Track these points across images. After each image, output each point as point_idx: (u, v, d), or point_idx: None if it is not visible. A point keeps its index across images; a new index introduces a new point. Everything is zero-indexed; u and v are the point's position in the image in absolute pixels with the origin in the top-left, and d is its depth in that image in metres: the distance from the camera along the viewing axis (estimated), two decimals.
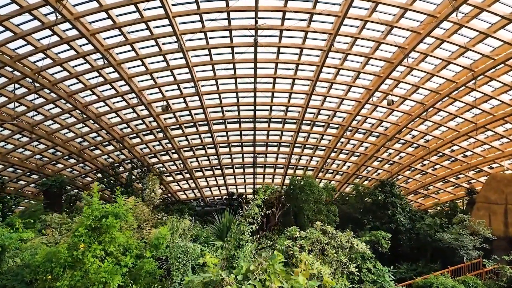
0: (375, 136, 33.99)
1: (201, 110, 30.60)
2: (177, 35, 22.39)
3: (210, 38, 23.86)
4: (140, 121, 31.51)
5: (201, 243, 18.06)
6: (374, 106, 29.74)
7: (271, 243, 14.10)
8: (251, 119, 32.12)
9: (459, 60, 23.50)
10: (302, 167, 40.04)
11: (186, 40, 23.77)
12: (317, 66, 26.12)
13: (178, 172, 39.23)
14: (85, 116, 28.08)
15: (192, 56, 25.39)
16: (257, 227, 12.76)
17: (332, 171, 39.98)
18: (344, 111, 30.92)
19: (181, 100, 29.66)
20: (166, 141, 33.94)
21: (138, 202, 18.99)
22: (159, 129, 32.11)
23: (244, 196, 42.30)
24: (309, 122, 32.91)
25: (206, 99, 29.91)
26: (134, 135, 32.94)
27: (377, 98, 28.87)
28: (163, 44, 23.94)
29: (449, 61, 23.54)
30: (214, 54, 25.50)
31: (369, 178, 40.11)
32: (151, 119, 31.03)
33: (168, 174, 39.54)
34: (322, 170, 38.73)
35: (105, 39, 22.69)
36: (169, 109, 29.04)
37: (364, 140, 34.14)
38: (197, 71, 27.04)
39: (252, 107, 30.68)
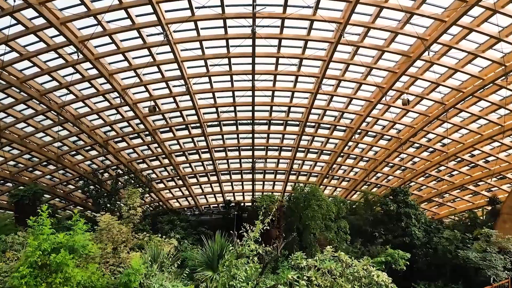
0: (386, 139, 31.27)
1: (193, 111, 27.87)
2: (163, 25, 19.70)
3: (201, 28, 21.17)
4: (125, 123, 28.78)
5: (190, 269, 15.30)
6: (387, 106, 27.03)
7: (273, 284, 11.30)
8: (249, 121, 29.42)
9: (489, 53, 20.79)
10: (306, 173, 37.31)
11: (174, 31, 21.11)
12: (324, 61, 23.42)
13: (170, 178, 36.48)
14: (61, 118, 25.34)
15: (181, 50, 22.72)
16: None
17: (338, 177, 37.23)
18: (353, 111, 28.19)
19: (171, 100, 26.94)
20: (156, 145, 31.23)
21: (114, 221, 16.22)
22: (147, 132, 29.38)
23: (242, 204, 39.63)
24: (313, 124, 30.21)
25: (199, 99, 27.19)
26: (120, 138, 30.21)
27: (390, 97, 26.16)
28: (147, 35, 21.26)
29: (477, 54, 20.83)
30: (206, 48, 22.81)
31: (379, 185, 37.36)
32: (137, 121, 28.30)
33: (159, 180, 36.80)
34: (327, 176, 35.98)
35: (79, 29, 20.03)
36: (157, 110, 26.29)
37: (374, 144, 31.42)
38: (187, 67, 24.35)
39: (250, 108, 27.96)
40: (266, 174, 37.55)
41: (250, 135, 30.73)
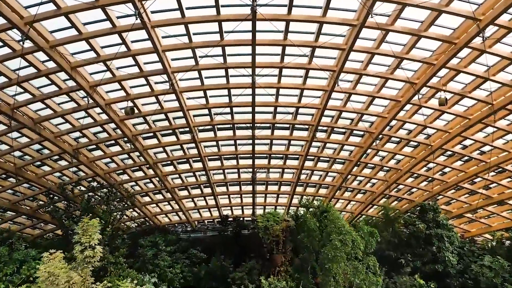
0: (412, 146, 26.90)
1: (180, 114, 23.56)
2: (135, 2, 15.46)
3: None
4: (99, 128, 24.45)
5: None
6: (417, 107, 22.71)
7: None
8: (248, 125, 25.09)
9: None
10: (314, 185, 32.96)
11: (152, 12, 16.87)
12: (342, 50, 19.14)
13: (157, 191, 32.13)
14: (15, 122, 21.01)
15: (162, 37, 18.45)
16: None
17: (351, 189, 32.83)
18: (374, 113, 23.85)
19: (152, 99, 22.64)
20: (138, 153, 26.88)
21: (62, 267, 11.92)
22: (126, 139, 25.05)
23: (241, 218, 35.31)
24: (325, 128, 25.90)
25: (187, 98, 22.89)
26: (94, 146, 25.89)
27: (422, 96, 21.80)
28: (117, 18, 16.99)
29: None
30: (193, 34, 18.53)
31: (400, 198, 32.99)
32: (113, 125, 23.99)
33: (144, 194, 32.46)
34: (340, 187, 31.60)
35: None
36: (135, 111, 21.93)
37: (398, 152, 27.03)
38: (171, 59, 20.10)
39: (250, 109, 23.62)
40: (269, 185, 33.18)
41: (250, 141, 26.40)
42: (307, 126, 25.56)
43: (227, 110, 24.08)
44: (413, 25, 17.82)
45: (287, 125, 26.05)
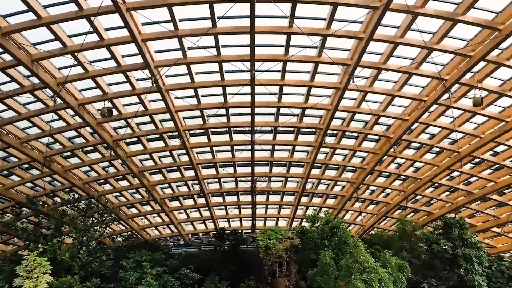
0: (434, 152, 23.94)
1: (167, 116, 20.64)
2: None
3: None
4: (73, 133, 21.52)
5: None
6: (444, 108, 19.75)
7: None
8: (247, 128, 22.17)
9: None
10: (321, 195, 29.98)
11: None
12: (359, 40, 16.23)
13: (145, 202, 29.16)
14: None
15: (143, 24, 15.58)
16: None
17: (362, 199, 29.85)
18: (393, 115, 20.89)
19: (135, 99, 19.71)
20: (120, 160, 23.92)
21: None
22: (105, 144, 22.09)
23: (239, 231, 32.30)
24: (335, 132, 22.97)
25: (175, 98, 19.98)
26: (69, 153, 22.93)
27: (451, 94, 18.79)
28: None
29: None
30: (180, 20, 15.63)
31: (417, 210, 30.00)
32: (89, 128, 21.05)
33: (130, 205, 29.49)
34: (351, 198, 28.60)
35: None
36: (113, 113, 18.97)
37: (418, 159, 24.04)
38: (155, 51, 17.20)
39: (248, 110, 20.71)
40: (271, 195, 30.22)
41: (249, 147, 23.46)
42: (314, 130, 22.61)
43: (222, 111, 21.14)
44: (448, 8, 14.88)
45: (292, 129, 23.12)
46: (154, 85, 17.36)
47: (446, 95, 18.02)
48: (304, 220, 29.23)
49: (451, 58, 17.14)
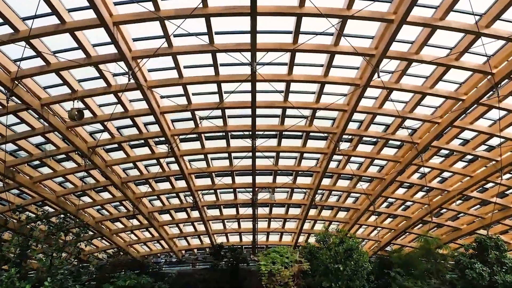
0: (466, 160, 20.83)
1: (151, 118, 17.64)
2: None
3: None
4: (40, 139, 18.48)
5: None
6: (487, 108, 16.63)
7: None
8: (247, 133, 19.14)
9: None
10: (331, 207, 26.90)
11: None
12: (387, 24, 13.18)
13: (132, 216, 26.07)
14: None
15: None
16: None
17: (378, 212, 26.65)
18: (425, 118, 17.78)
19: (111, 98, 16.67)
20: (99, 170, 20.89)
21: None
22: (77, 151, 19.03)
23: (239, 247, 29.33)
24: (350, 136, 19.92)
25: (161, 97, 16.95)
26: (37, 162, 19.88)
27: (499, 87, 15.69)
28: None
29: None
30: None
31: (440, 225, 26.85)
32: (58, 133, 17.99)
33: (115, 219, 26.44)
34: (366, 211, 25.48)
35: None
36: (84, 115, 15.89)
37: (447, 169, 20.93)
38: (134, 39, 14.21)
39: (249, 112, 17.64)
40: (274, 207, 27.15)
41: (250, 154, 20.39)
42: (326, 135, 19.56)
43: (218, 113, 18.08)
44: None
45: (299, 133, 20.09)
46: (132, 80, 14.29)
47: (490, 93, 14.99)
48: (313, 235, 26.19)
49: (502, 45, 14.07)
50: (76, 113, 15.39)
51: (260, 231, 28.82)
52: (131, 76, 13.92)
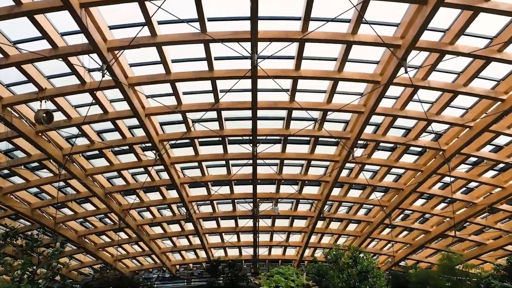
0: (497, 169, 18.51)
1: (134, 121, 15.40)
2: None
3: None
4: (6, 144, 16.16)
5: None
6: None
7: None
8: (247, 138, 16.89)
9: None
10: (340, 220, 24.57)
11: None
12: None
13: (119, 229, 23.77)
14: None
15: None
16: None
17: (391, 226, 24.23)
18: (451, 120, 15.47)
19: (88, 98, 14.38)
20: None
21: None
22: (51, 159, 16.76)
23: (239, 263, 27.07)
24: (364, 142, 17.65)
25: (147, 97, 14.68)
26: (6, 171, 17.61)
27: None
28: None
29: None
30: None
31: (461, 239, 24.47)
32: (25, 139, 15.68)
33: (100, 233, 24.16)
34: (380, 224, 23.13)
35: None
36: (53, 117, 13.60)
37: (475, 179, 18.62)
38: (110, 27, 11.96)
39: (249, 114, 15.36)
40: (278, 219, 24.82)
41: (250, 161, 18.07)
42: (339, 139, 17.27)
43: (212, 115, 15.82)
44: None
45: (307, 138, 17.84)
46: (107, 76, 12.01)
47: None
48: (319, 249, 23.92)
49: None
50: (44, 115, 13.15)
51: (261, 245, 26.53)
52: (105, 71, 11.62)
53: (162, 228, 24.44)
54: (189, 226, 24.34)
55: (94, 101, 14.30)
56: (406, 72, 11.74)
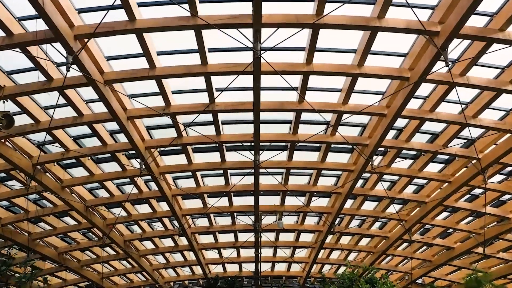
0: None
1: (116, 125, 13.20)
2: None
3: None
4: None
5: None
6: None
7: None
8: (248, 144, 14.71)
9: None
10: (351, 234, 22.31)
11: None
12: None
13: (103, 245, 21.56)
14: None
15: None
16: None
17: (410, 241, 21.98)
18: (489, 124, 13.25)
19: (60, 99, 12.19)
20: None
21: None
22: (17, 169, 14.57)
23: (239, 279, 24.91)
24: (383, 149, 15.42)
25: (130, 97, 12.51)
26: None
27: None
28: None
29: None
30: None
31: (487, 256, 22.21)
32: None
33: (84, 248, 21.94)
34: (398, 240, 20.88)
35: None
36: (14, 121, 11.41)
37: (511, 191, 16.43)
38: (78, 10, 9.74)
39: (250, 116, 13.20)
40: (282, 232, 22.58)
41: (253, 170, 15.87)
42: (351, 147, 15.08)
43: (207, 117, 13.65)
44: None
45: (317, 145, 15.65)
46: (74, 69, 9.82)
47: None
48: (336, 275, 21.64)
49: None
50: (2, 118, 10.98)
51: (264, 261, 24.32)
52: (70, 64, 9.42)
53: (154, 243, 22.21)
54: (184, 241, 22.12)
55: (68, 102, 12.17)
56: (447, 64, 9.52)
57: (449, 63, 9.63)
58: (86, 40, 9.79)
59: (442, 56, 9.70)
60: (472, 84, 11.43)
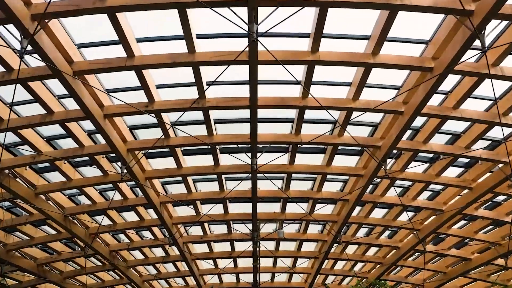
0: None
1: (92, 125, 11.59)
2: None
3: None
4: None
5: None
6: None
7: None
8: (245, 145, 13.14)
9: None
10: (358, 244, 20.69)
11: None
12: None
13: (86, 255, 19.94)
14: None
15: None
16: None
17: (419, 251, 20.31)
18: None
19: (27, 94, 10.58)
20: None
21: None
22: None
23: None
24: (396, 151, 13.81)
25: (109, 92, 10.91)
26: None
27: None
28: None
29: None
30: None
31: (506, 267, 20.63)
32: None
33: (66, 259, 20.33)
34: (410, 251, 19.28)
35: None
36: None
37: None
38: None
39: (247, 114, 11.61)
40: (283, 241, 20.99)
41: (250, 175, 14.25)
42: (360, 148, 13.50)
43: (197, 115, 12.06)
44: None
45: (322, 146, 14.06)
46: (34, 57, 8.23)
47: None
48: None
49: None
50: None
51: (263, 271, 22.72)
52: (24, 50, 7.83)
53: (143, 253, 20.62)
54: (176, 250, 20.55)
55: (34, 98, 10.59)
56: (484, 51, 7.91)
57: (486, 48, 7.98)
58: (46, 20, 8.18)
59: (475, 42, 8.11)
60: (507, 76, 9.80)
